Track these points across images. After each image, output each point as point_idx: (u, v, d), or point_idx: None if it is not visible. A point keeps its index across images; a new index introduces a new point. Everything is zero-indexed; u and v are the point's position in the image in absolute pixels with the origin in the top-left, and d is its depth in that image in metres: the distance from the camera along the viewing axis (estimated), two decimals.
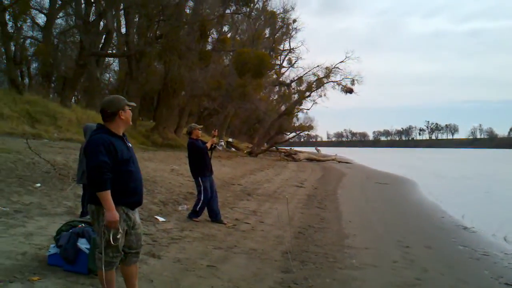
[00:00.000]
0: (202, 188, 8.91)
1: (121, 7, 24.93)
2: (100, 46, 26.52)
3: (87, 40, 21.59)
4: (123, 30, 30.24)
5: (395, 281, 6.07)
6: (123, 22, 30.26)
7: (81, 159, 7.87)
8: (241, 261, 6.49)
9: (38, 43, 30.34)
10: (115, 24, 28.49)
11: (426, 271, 6.68)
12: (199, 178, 8.97)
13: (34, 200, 8.18)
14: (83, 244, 5.17)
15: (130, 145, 4.27)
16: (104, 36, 26.77)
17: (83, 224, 5.44)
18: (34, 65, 33.19)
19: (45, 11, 29.64)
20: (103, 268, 4.02)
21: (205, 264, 6.09)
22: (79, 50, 23.25)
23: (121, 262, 4.19)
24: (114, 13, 24.27)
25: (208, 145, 9.02)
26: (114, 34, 28.54)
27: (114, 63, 38.54)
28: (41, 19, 31.72)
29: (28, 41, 31.69)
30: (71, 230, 5.31)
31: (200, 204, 8.92)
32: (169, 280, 5.34)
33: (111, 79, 41.23)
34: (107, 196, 3.86)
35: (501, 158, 72.54)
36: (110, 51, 30.09)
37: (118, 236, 3.99)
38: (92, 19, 22.97)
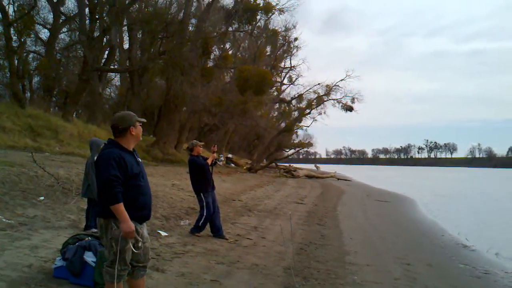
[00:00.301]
0: (204, 203, 8.97)
1: (125, 23, 25.20)
2: (103, 62, 26.74)
3: (91, 56, 21.79)
4: (126, 46, 30.61)
5: None
6: (126, 38, 30.65)
7: (86, 173, 7.95)
8: (244, 276, 6.52)
9: (40, 58, 30.58)
10: (118, 40, 28.75)
11: None
12: (201, 194, 9.03)
13: (38, 213, 8.24)
14: (89, 257, 5.22)
15: (140, 160, 4.35)
16: (107, 51, 27.04)
17: (89, 238, 5.50)
18: (35, 79, 33.39)
19: (48, 26, 29.99)
20: (112, 281, 4.07)
21: (208, 279, 6.13)
22: (82, 65, 23.42)
23: (129, 276, 4.24)
24: (117, 29, 24.53)
25: (209, 161, 9.12)
26: (117, 50, 28.75)
27: (116, 78, 38.78)
28: (44, 34, 32.08)
29: (30, 55, 31.98)
30: (77, 243, 5.37)
31: (202, 219, 8.97)
32: None
33: (112, 94, 41.42)
34: (120, 208, 3.93)
35: (498, 177, 72.57)
36: (113, 67, 30.29)
37: (139, 245, 4.08)
38: (96, 35, 23.19)
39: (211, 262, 7.08)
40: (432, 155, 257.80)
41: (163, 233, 8.59)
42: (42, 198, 9.13)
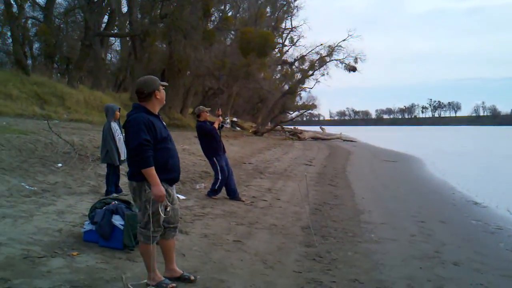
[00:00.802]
0: (218, 167, 9.05)
1: None
2: (103, 26, 26.45)
3: (92, 20, 21.56)
4: (124, 10, 30.14)
5: (415, 254, 6.26)
6: (123, 1, 30.11)
7: (104, 139, 8.03)
8: (264, 236, 6.68)
9: (39, 24, 30.18)
10: (118, 4, 28.34)
11: (444, 244, 6.86)
12: (214, 158, 9.11)
13: (58, 179, 8.38)
14: (117, 220, 5.36)
15: (164, 123, 4.42)
16: (106, 16, 26.73)
17: (116, 202, 5.63)
18: (36, 45, 33.07)
19: None
20: (147, 242, 4.19)
21: (231, 239, 6.29)
22: (84, 30, 23.19)
23: (160, 236, 4.35)
24: None
25: (216, 125, 9.14)
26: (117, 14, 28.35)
27: (116, 43, 38.35)
28: None
29: (29, 21, 31.52)
30: (105, 208, 5.50)
31: (218, 183, 9.08)
32: (200, 254, 5.54)
33: (113, 59, 41.12)
34: (152, 171, 4.02)
35: (503, 135, 72.61)
36: (113, 31, 29.96)
37: (168, 209, 4.17)
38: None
39: (231, 223, 7.24)
40: (436, 114, 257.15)
41: (181, 197, 8.73)
42: (60, 164, 9.26)
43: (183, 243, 5.85)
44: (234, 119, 44.53)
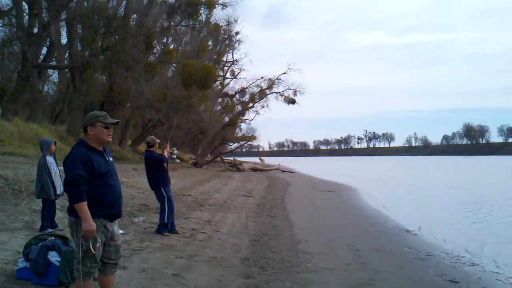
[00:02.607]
0: (166, 198, 9.01)
1: (64, 18, 24.47)
2: (42, 58, 25.88)
3: (30, 52, 21.08)
4: (64, 42, 29.69)
5: (351, 282, 6.51)
6: (63, 33, 29.69)
7: (39, 174, 7.87)
8: (203, 269, 6.73)
9: None
10: (58, 36, 27.90)
11: (378, 272, 7.18)
12: (162, 188, 9.07)
13: None
14: (53, 256, 5.27)
15: (111, 159, 4.45)
16: (46, 47, 26.19)
17: (52, 237, 5.53)
18: None
19: None
20: (81, 278, 4.17)
21: (170, 273, 6.29)
22: (21, 62, 22.58)
23: (100, 272, 4.35)
24: (57, 24, 23.80)
25: (165, 155, 9.21)
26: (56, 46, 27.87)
27: (54, 75, 37.47)
28: None
29: None
30: (40, 244, 5.39)
31: (166, 215, 8.96)
32: None
33: (49, 90, 40.03)
34: (83, 207, 4.02)
35: (433, 164, 76.12)
36: (52, 63, 29.33)
37: (97, 245, 4.16)
38: (35, 31, 22.41)
39: (170, 256, 7.23)
40: (371, 145, 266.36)
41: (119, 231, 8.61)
42: None
43: (121, 278, 5.79)
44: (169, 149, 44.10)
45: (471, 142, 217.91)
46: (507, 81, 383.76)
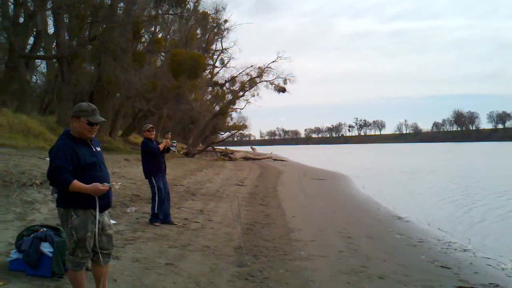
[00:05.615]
0: (156, 188, 8.99)
1: (50, 7, 24.16)
2: (29, 48, 25.60)
3: (17, 42, 20.82)
4: (51, 31, 29.33)
5: (343, 269, 6.55)
6: (50, 22, 29.33)
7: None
8: (197, 258, 6.73)
9: None
10: (44, 25, 27.56)
11: (370, 259, 7.24)
12: (152, 178, 9.06)
13: None
14: (46, 248, 5.24)
15: (98, 149, 4.40)
16: (33, 37, 25.88)
17: (44, 228, 5.50)
18: None
19: None
20: (74, 269, 4.17)
21: (163, 262, 6.29)
22: (8, 53, 22.31)
23: (94, 262, 4.34)
24: (44, 14, 23.49)
25: (162, 146, 9.17)
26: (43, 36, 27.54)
27: (42, 65, 37.07)
28: None
29: None
30: (32, 235, 5.36)
31: (156, 205, 8.95)
32: (132, 278, 5.51)
33: (38, 81, 39.63)
34: (76, 184, 4.01)
35: (424, 151, 76.61)
36: (40, 53, 29.01)
37: (88, 235, 4.14)
38: (21, 21, 22.15)
39: (163, 246, 7.23)
40: (362, 133, 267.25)
41: (111, 221, 8.58)
42: None
43: (114, 268, 5.78)
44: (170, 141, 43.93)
45: (461, 129, 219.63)
46: (494, 67, 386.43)
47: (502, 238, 9.89)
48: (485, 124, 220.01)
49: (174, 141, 9.68)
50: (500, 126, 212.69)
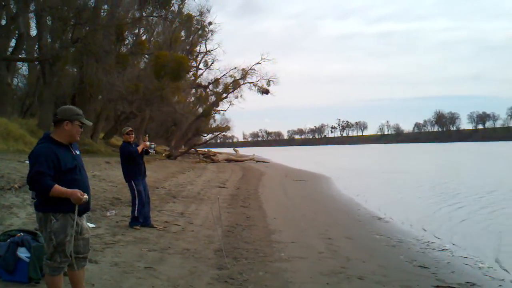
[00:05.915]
0: (136, 191, 8.96)
1: (33, 9, 23.95)
2: (11, 51, 25.33)
3: None
4: (34, 34, 29.05)
5: (323, 270, 6.61)
6: (33, 25, 29.05)
7: None
8: (176, 261, 6.74)
9: None
10: (27, 28, 27.29)
11: (349, 259, 7.32)
12: (132, 181, 9.02)
13: None
14: (23, 253, 5.19)
15: (77, 152, 4.39)
16: (15, 39, 25.64)
17: (21, 233, 5.46)
18: None
19: None
20: (52, 273, 4.15)
21: (142, 266, 6.29)
22: None
23: (70, 267, 4.31)
24: (26, 16, 23.26)
25: (140, 148, 9.13)
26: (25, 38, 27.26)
27: (23, 67, 36.61)
28: None
29: None
30: (9, 240, 5.31)
31: (136, 208, 8.90)
32: (110, 283, 5.50)
33: (19, 83, 39.15)
34: (56, 189, 3.99)
35: (405, 151, 77.41)
36: (21, 56, 28.69)
37: (67, 240, 4.13)
38: (3, 23, 21.92)
39: (143, 250, 7.22)
40: (345, 134, 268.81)
41: (90, 225, 8.53)
42: None
43: (93, 272, 5.77)
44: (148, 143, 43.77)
45: (442, 129, 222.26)
46: (476, 68, 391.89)
47: (481, 237, 10.04)
48: (465, 124, 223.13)
49: (153, 143, 9.65)
50: (480, 126, 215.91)
